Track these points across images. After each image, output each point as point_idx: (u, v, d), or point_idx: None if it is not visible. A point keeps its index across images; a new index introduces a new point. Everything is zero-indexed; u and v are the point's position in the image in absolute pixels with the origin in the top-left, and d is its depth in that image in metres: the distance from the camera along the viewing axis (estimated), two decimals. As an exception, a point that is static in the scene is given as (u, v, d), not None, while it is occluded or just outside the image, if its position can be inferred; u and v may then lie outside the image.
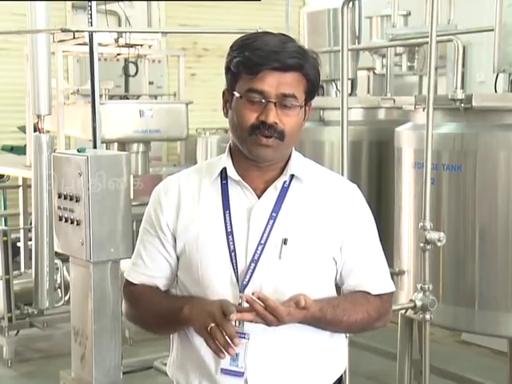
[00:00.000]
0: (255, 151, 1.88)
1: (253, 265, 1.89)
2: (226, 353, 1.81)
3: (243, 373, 1.88)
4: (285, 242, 1.90)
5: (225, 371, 1.89)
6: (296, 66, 1.84)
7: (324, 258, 1.96)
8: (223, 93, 1.95)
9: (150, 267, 2.00)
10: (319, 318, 1.87)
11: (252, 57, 1.83)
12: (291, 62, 1.83)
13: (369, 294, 1.99)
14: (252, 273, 1.89)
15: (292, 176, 1.95)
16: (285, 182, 1.95)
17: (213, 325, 1.78)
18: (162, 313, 1.95)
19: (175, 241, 1.97)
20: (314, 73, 1.89)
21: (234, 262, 1.90)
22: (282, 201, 1.93)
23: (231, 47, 1.90)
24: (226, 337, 1.78)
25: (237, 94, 1.87)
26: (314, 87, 1.91)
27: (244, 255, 1.90)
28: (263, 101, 1.84)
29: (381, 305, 2.01)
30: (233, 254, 1.90)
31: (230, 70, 1.89)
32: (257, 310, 1.78)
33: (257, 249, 1.90)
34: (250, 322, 1.81)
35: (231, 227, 1.91)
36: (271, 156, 1.89)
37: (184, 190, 1.99)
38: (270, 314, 1.78)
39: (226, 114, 1.95)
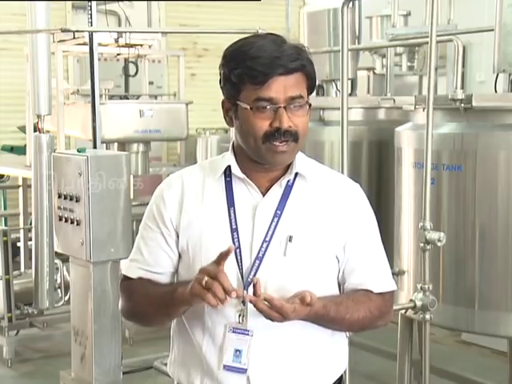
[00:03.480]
0: (271, 159, 1.88)
1: (257, 262, 1.90)
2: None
3: (246, 369, 1.89)
4: (290, 239, 1.90)
5: (227, 368, 1.89)
6: (298, 68, 1.85)
7: (328, 256, 1.96)
8: (223, 103, 1.94)
9: (150, 263, 1.99)
10: (322, 315, 1.88)
11: (255, 66, 1.81)
12: (294, 66, 1.84)
13: (371, 292, 2.00)
14: (257, 270, 1.89)
15: (296, 174, 1.96)
16: (289, 180, 1.95)
17: (207, 278, 1.76)
18: (156, 298, 1.94)
19: (178, 237, 1.97)
20: (311, 68, 1.90)
21: (238, 258, 1.90)
22: (286, 198, 1.94)
23: (224, 57, 1.88)
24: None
25: (244, 105, 1.86)
26: (313, 82, 1.93)
27: (249, 252, 1.90)
28: (272, 107, 1.84)
29: (382, 303, 2.02)
30: (237, 250, 1.90)
31: (229, 81, 1.88)
32: (261, 310, 1.78)
33: (261, 246, 1.90)
34: (260, 311, 1.80)
35: (236, 224, 1.91)
36: (288, 160, 1.91)
37: (187, 187, 1.99)
38: (275, 312, 1.78)
39: (228, 123, 1.95)
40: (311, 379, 1.97)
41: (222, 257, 1.78)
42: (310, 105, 1.90)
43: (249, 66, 1.82)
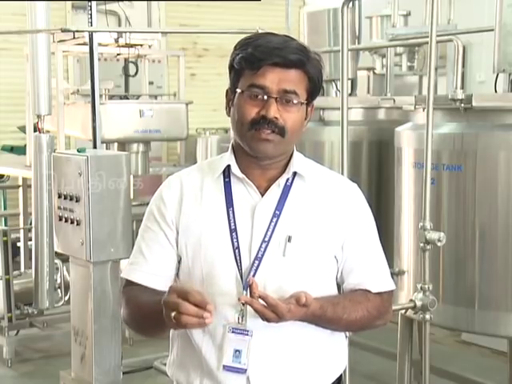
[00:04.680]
0: (255, 146, 1.89)
1: (257, 262, 1.89)
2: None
3: (245, 369, 1.89)
4: (289, 239, 1.90)
5: (227, 368, 1.89)
6: (298, 63, 1.86)
7: (326, 256, 1.96)
8: (226, 92, 1.97)
9: (152, 264, 1.97)
10: (319, 315, 1.88)
11: (254, 52, 1.85)
12: (293, 58, 1.85)
13: (369, 292, 2.00)
14: (256, 270, 1.89)
15: (294, 174, 1.96)
16: (287, 180, 1.96)
17: (174, 313, 1.71)
18: (147, 312, 1.91)
19: (178, 234, 1.96)
20: (315, 72, 1.90)
21: (237, 259, 1.90)
22: (285, 198, 1.94)
23: (235, 47, 1.92)
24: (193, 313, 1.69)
25: (238, 90, 1.89)
26: (315, 86, 1.92)
27: (248, 252, 1.90)
28: (264, 97, 1.85)
29: (381, 303, 2.02)
30: (237, 251, 1.90)
31: (233, 68, 1.91)
32: (256, 310, 1.78)
33: (261, 246, 1.90)
34: (255, 311, 1.79)
35: (235, 224, 1.91)
36: (271, 151, 1.89)
37: (186, 187, 1.99)
38: (269, 311, 1.78)
39: (228, 113, 1.96)
40: (310, 379, 1.97)
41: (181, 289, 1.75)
42: (306, 109, 1.91)
43: (249, 52, 1.85)
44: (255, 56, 1.84)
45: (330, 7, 5.38)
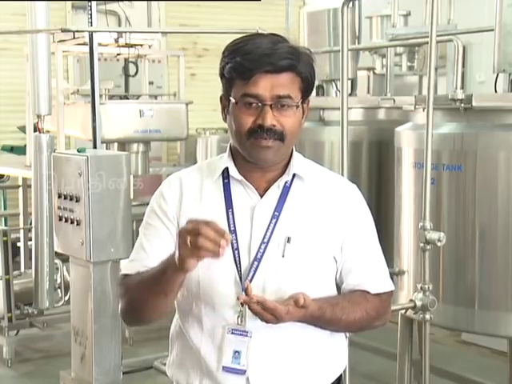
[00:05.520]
0: (256, 154, 1.88)
1: (256, 263, 1.89)
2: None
3: (245, 371, 1.89)
4: (288, 240, 1.90)
5: (226, 369, 1.89)
6: (288, 67, 1.84)
7: (326, 257, 1.96)
8: (220, 98, 1.95)
9: (152, 257, 1.93)
10: (318, 316, 1.88)
11: (243, 62, 1.82)
12: (283, 64, 1.83)
13: (368, 293, 1.99)
14: (255, 271, 1.89)
15: (294, 175, 1.96)
16: (286, 182, 1.95)
17: (190, 237, 1.68)
18: (148, 280, 1.85)
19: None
20: (307, 70, 1.89)
21: (237, 260, 1.90)
22: (284, 200, 1.94)
23: (223, 53, 1.90)
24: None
25: (232, 100, 1.88)
26: (309, 84, 1.91)
27: (247, 254, 1.90)
28: (259, 104, 1.84)
29: (380, 304, 2.01)
30: (236, 252, 1.90)
31: (223, 76, 1.90)
32: (254, 311, 1.78)
33: (260, 247, 1.90)
34: (254, 312, 1.79)
35: (234, 226, 1.91)
36: (272, 158, 1.89)
37: (186, 187, 1.99)
38: (268, 314, 1.78)
39: (225, 119, 1.95)
40: (310, 379, 1.97)
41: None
42: (302, 107, 1.90)
43: (238, 62, 1.83)
44: (245, 66, 1.82)
45: (330, 7, 5.38)
